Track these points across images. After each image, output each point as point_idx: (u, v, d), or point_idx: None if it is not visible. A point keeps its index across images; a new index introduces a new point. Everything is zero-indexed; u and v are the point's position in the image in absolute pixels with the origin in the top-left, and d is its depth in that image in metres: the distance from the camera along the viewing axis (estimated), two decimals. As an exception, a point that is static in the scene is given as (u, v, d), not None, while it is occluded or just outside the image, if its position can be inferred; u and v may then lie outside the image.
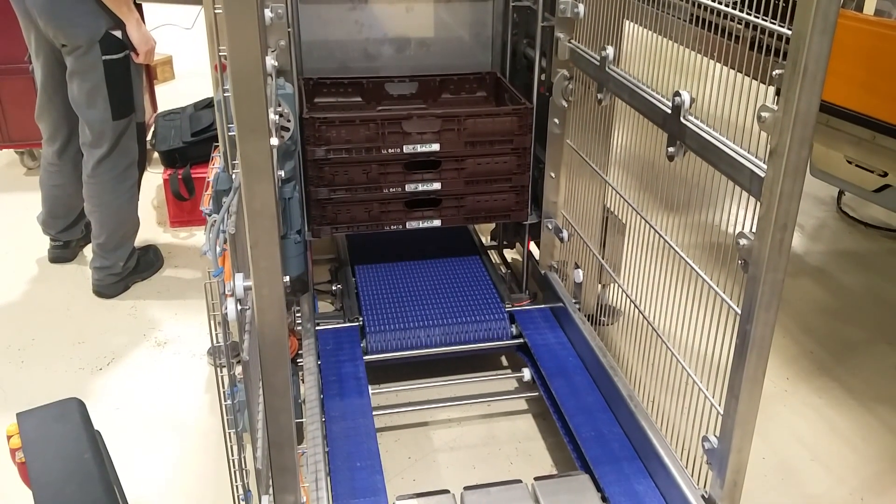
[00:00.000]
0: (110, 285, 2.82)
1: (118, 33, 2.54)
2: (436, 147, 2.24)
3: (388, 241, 2.70)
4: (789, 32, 1.18)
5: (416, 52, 2.57)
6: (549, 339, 2.28)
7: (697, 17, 1.60)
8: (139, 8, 2.79)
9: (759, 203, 1.30)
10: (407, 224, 2.33)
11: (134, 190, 2.82)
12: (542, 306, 2.43)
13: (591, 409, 1.98)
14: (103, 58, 2.53)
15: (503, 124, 2.25)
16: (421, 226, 2.34)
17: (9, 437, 1.29)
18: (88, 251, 2.93)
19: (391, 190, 2.27)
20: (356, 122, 2.17)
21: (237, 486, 1.38)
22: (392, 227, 2.32)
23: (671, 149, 1.60)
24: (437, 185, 2.29)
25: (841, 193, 3.55)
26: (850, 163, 2.59)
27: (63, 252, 3.04)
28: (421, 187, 2.28)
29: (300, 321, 2.29)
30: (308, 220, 2.27)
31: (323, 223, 2.27)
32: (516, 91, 2.38)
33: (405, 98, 2.56)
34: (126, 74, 2.61)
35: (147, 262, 2.97)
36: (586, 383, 2.08)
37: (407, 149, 2.22)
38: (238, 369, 1.35)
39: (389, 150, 2.21)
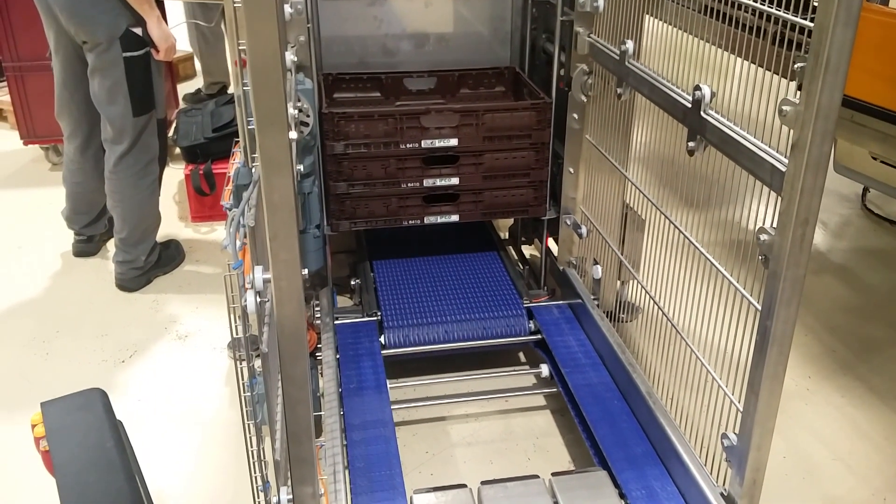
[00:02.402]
0: (133, 279, 2.86)
1: (138, 30, 2.57)
2: (454, 142, 2.24)
3: (406, 236, 2.71)
4: (811, 25, 1.17)
5: (435, 47, 2.57)
6: (568, 335, 2.27)
7: (717, 12, 1.58)
8: (160, 5, 2.81)
9: (780, 198, 1.29)
10: (425, 219, 2.33)
11: (155, 185, 2.85)
12: (561, 302, 2.42)
13: (609, 406, 1.98)
14: (124, 55, 2.55)
15: (522, 119, 2.25)
16: (439, 221, 2.34)
17: (33, 426, 1.31)
18: (111, 245, 2.97)
19: (409, 185, 2.27)
20: (375, 117, 2.17)
21: (256, 477, 1.39)
22: (410, 222, 2.33)
23: (691, 143, 1.59)
24: (455, 181, 2.29)
25: (866, 190, 3.50)
26: (875, 159, 2.55)
27: (87, 246, 3.08)
28: (439, 182, 2.29)
29: (319, 315, 2.31)
30: (327, 214, 2.29)
31: (342, 218, 2.28)
32: (535, 86, 2.37)
33: (424, 93, 2.56)
34: (146, 71, 2.64)
35: (169, 256, 3.00)
36: (604, 380, 2.08)
37: (425, 144, 2.22)
38: (257, 362, 1.36)
39: (408, 145, 2.22)
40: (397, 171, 2.25)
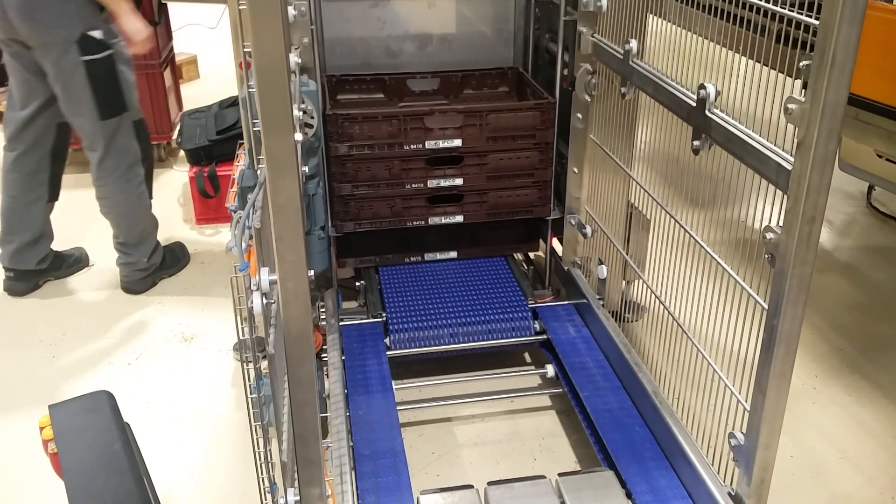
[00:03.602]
0: (137, 281, 2.86)
1: (97, 34, 2.46)
2: (458, 143, 2.24)
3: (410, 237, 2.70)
4: (816, 23, 1.16)
5: (438, 48, 2.58)
6: (573, 335, 2.27)
7: (722, 10, 1.58)
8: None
9: (786, 196, 1.29)
10: (429, 220, 2.33)
11: (142, 188, 2.78)
12: (566, 303, 2.42)
13: (615, 406, 1.97)
14: (83, 59, 2.45)
15: (525, 119, 2.25)
16: (443, 222, 2.34)
17: (41, 429, 1.31)
18: (114, 250, 2.94)
19: (413, 186, 2.27)
20: (378, 118, 2.18)
21: (263, 479, 1.39)
22: (414, 223, 2.33)
23: (696, 142, 1.59)
24: (459, 181, 2.29)
25: (871, 188, 3.49)
26: (880, 157, 2.55)
27: (17, 285, 2.82)
28: (443, 183, 2.29)
29: (324, 317, 2.31)
30: (331, 216, 2.29)
31: (346, 219, 2.29)
32: (539, 86, 2.37)
33: (427, 94, 2.57)
34: (111, 73, 2.52)
35: (173, 258, 3.00)
36: (610, 380, 2.07)
37: (429, 144, 2.23)
38: (264, 363, 1.36)
39: (411, 146, 2.22)
40: (401, 172, 2.25)
